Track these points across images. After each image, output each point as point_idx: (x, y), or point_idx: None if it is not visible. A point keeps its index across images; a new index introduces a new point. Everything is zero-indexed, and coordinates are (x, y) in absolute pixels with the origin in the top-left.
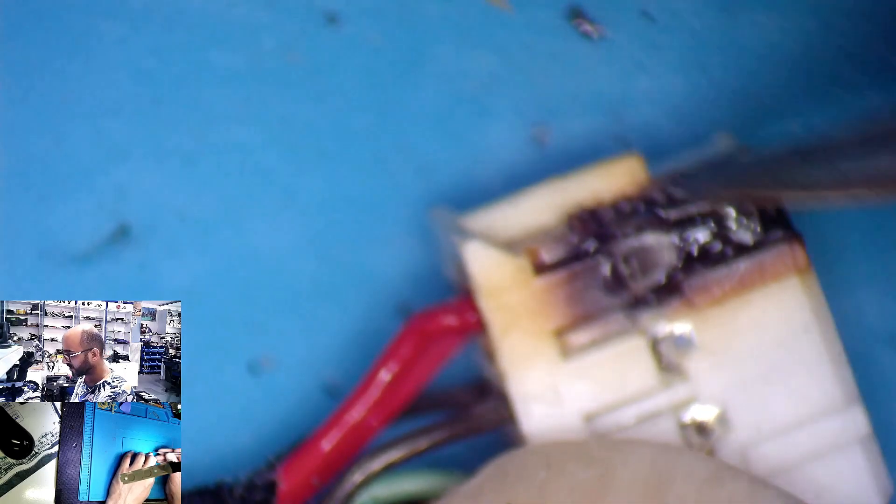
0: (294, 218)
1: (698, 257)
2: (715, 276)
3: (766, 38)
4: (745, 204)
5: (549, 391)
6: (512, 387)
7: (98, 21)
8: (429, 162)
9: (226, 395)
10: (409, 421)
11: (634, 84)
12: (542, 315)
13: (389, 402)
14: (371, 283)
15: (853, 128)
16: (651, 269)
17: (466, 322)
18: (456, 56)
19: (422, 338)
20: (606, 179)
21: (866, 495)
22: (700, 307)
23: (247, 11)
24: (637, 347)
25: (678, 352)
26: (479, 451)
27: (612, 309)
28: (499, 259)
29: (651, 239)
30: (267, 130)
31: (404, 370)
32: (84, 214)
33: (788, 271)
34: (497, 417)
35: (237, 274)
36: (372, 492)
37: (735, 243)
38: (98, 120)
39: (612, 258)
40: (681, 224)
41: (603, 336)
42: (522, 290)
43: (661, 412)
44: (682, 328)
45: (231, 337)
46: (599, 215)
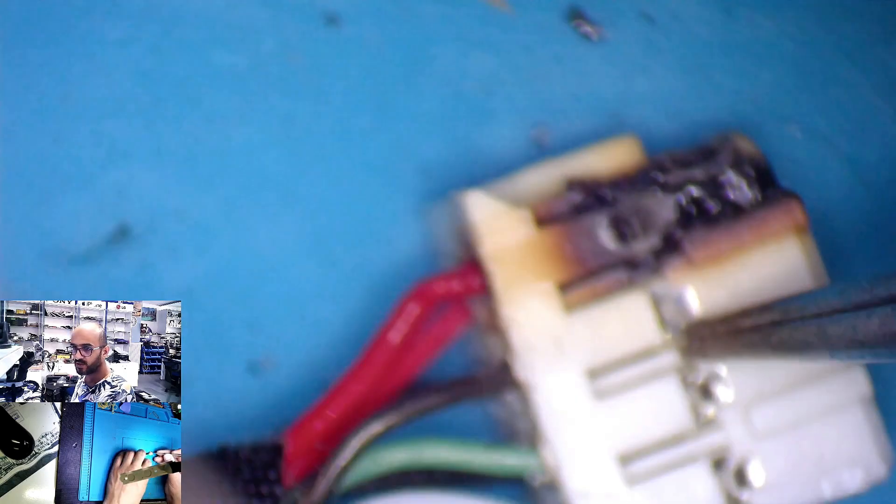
0: (294, 218)
1: (697, 216)
2: (714, 234)
3: (764, 38)
4: (742, 166)
5: (551, 343)
6: (515, 337)
7: (99, 22)
8: (429, 163)
9: (226, 395)
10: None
11: (634, 85)
12: (545, 268)
13: (394, 370)
14: (371, 283)
15: (839, 292)
16: (651, 228)
17: (470, 286)
18: (456, 57)
19: (426, 302)
20: (604, 158)
21: (868, 458)
22: (699, 266)
23: (247, 12)
24: (639, 305)
25: (679, 311)
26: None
27: (614, 265)
28: (500, 208)
29: (650, 199)
30: (267, 131)
31: (409, 337)
32: (84, 214)
33: (787, 230)
34: (496, 383)
35: (237, 274)
36: (371, 458)
37: (733, 203)
38: (98, 120)
39: (614, 215)
40: (679, 187)
41: (605, 291)
42: (525, 242)
43: (664, 372)
44: (682, 287)
45: (231, 337)
46: (598, 184)
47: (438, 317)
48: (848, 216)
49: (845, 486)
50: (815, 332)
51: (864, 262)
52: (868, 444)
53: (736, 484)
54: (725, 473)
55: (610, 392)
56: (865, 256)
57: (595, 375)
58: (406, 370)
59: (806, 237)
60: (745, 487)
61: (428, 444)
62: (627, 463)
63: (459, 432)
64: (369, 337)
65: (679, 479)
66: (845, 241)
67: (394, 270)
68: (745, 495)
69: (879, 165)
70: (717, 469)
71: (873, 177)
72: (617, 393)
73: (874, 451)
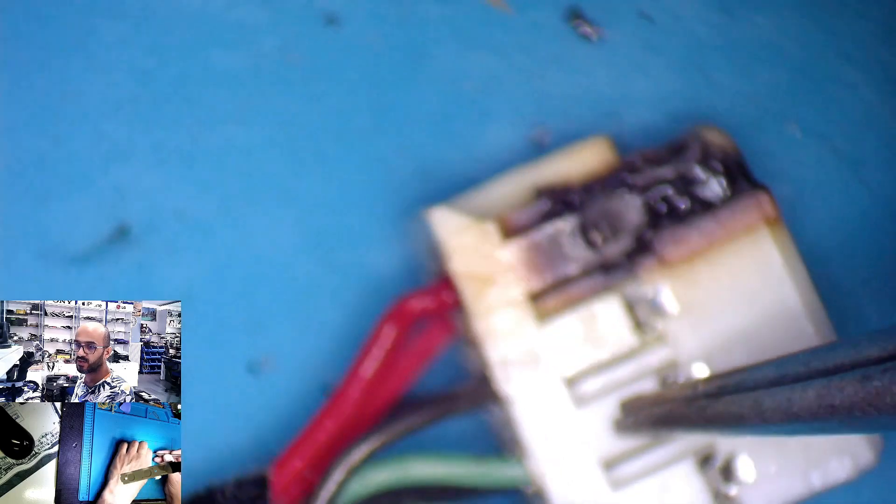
0: (293, 218)
1: (667, 215)
2: (685, 232)
3: (763, 38)
4: (710, 161)
5: (526, 355)
6: (490, 352)
7: (98, 21)
8: (428, 163)
9: (225, 396)
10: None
11: (633, 85)
12: (514, 280)
13: (378, 393)
14: (370, 283)
15: (776, 365)
16: (621, 230)
17: (442, 302)
18: (455, 57)
19: (401, 321)
20: (576, 162)
21: (856, 446)
22: (673, 264)
23: (246, 12)
24: (613, 309)
25: (654, 312)
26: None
27: (585, 271)
28: (465, 223)
29: (618, 202)
30: (266, 131)
31: (389, 357)
32: (84, 214)
33: (758, 223)
34: (477, 398)
35: (236, 274)
36: (359, 479)
37: (702, 200)
38: (98, 120)
39: (582, 221)
40: (648, 186)
41: (578, 298)
42: (492, 255)
43: (642, 375)
44: (656, 288)
45: (230, 337)
46: (567, 189)
47: (421, 331)
48: (846, 215)
49: (834, 475)
50: (750, 405)
51: (861, 260)
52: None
53: (723, 480)
54: (712, 470)
55: (590, 398)
56: (863, 255)
57: (573, 383)
58: (391, 387)
59: (779, 229)
60: (732, 482)
61: (414, 460)
62: (612, 467)
63: (448, 444)
64: (364, 339)
65: (664, 480)
66: (843, 241)
67: (393, 270)
68: (734, 490)
69: (878, 164)
70: (704, 466)
71: (872, 176)
72: (597, 399)
73: (862, 439)
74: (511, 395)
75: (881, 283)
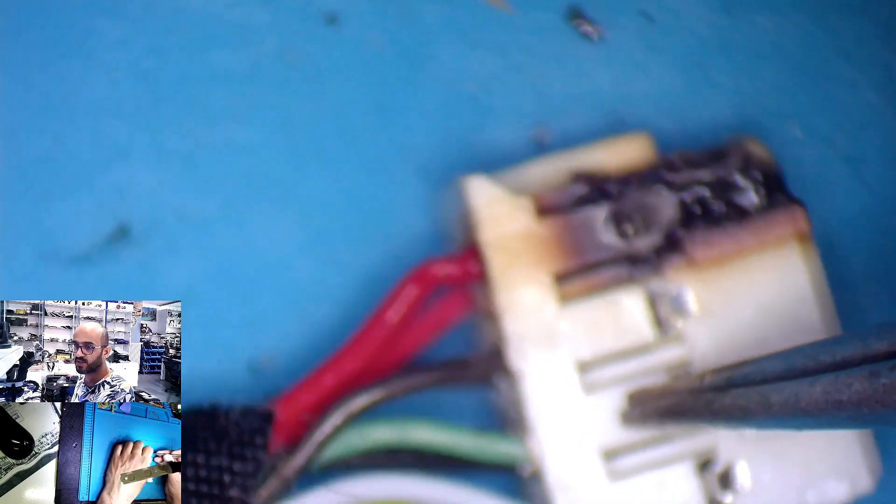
0: (294, 217)
1: (700, 216)
2: (716, 235)
3: (764, 38)
4: (750, 170)
5: (544, 333)
6: (508, 325)
7: (98, 21)
8: (429, 162)
9: (226, 395)
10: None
11: (634, 84)
12: (542, 258)
13: (390, 350)
14: (371, 282)
15: (783, 359)
16: (653, 225)
17: (468, 271)
18: (456, 57)
19: (424, 284)
20: (614, 154)
21: (855, 470)
22: (700, 266)
23: (246, 12)
24: (635, 301)
25: (675, 310)
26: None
27: (612, 260)
28: (501, 195)
29: (654, 196)
30: (267, 130)
31: (405, 318)
32: (85, 214)
33: (789, 237)
34: (486, 369)
35: (237, 274)
36: (359, 432)
37: (738, 206)
38: (98, 120)
39: (616, 210)
40: (685, 186)
41: (602, 285)
42: (524, 230)
43: (655, 370)
44: (680, 287)
45: (231, 337)
46: (605, 178)
47: (439, 300)
48: (847, 215)
49: (829, 497)
50: (757, 400)
51: (862, 261)
52: (856, 455)
53: (720, 487)
54: (710, 475)
55: (599, 386)
56: (864, 255)
57: (586, 369)
58: (401, 351)
59: (808, 245)
60: (728, 491)
61: (416, 424)
62: (611, 458)
63: (451, 415)
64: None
65: (662, 479)
66: (845, 240)
67: (393, 270)
68: (728, 499)
69: (879, 164)
70: (703, 471)
71: (873, 175)
72: (606, 388)
73: (862, 464)
74: (522, 371)
75: (882, 282)
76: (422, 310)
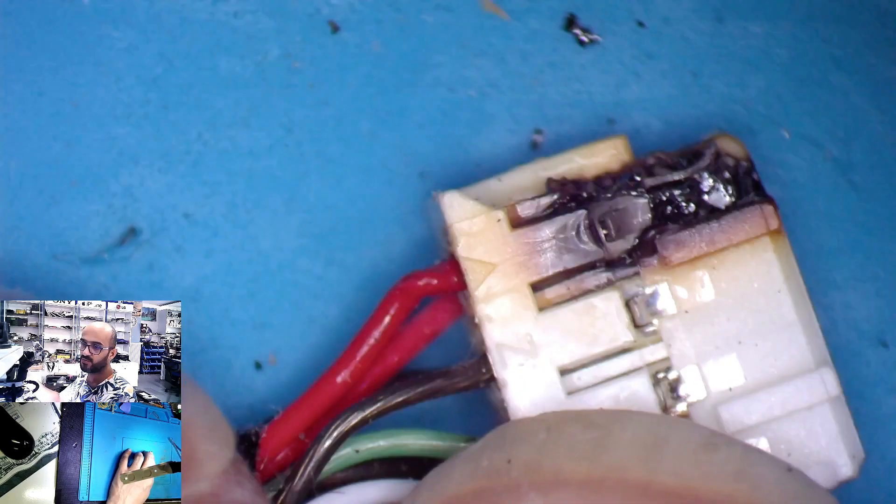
0: (298, 220)
1: (673, 217)
2: (689, 235)
3: (756, 45)
4: (720, 169)
5: (524, 341)
6: (487, 335)
7: (108, 29)
8: (428, 166)
9: (231, 394)
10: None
11: (628, 90)
12: (519, 267)
13: (378, 364)
14: (372, 282)
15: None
16: (627, 229)
17: (448, 282)
18: (455, 64)
19: (408, 297)
20: (591, 158)
21: (837, 456)
22: (674, 266)
23: (252, 20)
24: (612, 304)
25: (651, 310)
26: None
27: (588, 265)
28: (476, 208)
29: (626, 200)
30: (271, 135)
31: (391, 330)
32: (95, 217)
33: (761, 233)
34: (473, 378)
35: (243, 274)
36: (353, 446)
37: (709, 206)
38: (108, 125)
39: (589, 216)
40: (656, 188)
41: (578, 291)
42: (499, 241)
43: (635, 370)
44: (655, 287)
45: (237, 336)
46: (579, 182)
47: (427, 309)
48: (837, 219)
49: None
50: None
51: (851, 265)
52: (837, 443)
53: (671, 396)
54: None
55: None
56: (853, 259)
57: (566, 373)
58: (391, 361)
59: (781, 240)
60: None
61: (409, 433)
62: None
63: (444, 421)
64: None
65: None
66: (834, 245)
67: (394, 270)
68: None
69: (868, 169)
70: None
71: (863, 180)
72: (588, 390)
73: (843, 451)
74: (505, 379)
75: (870, 286)
76: (409, 319)
